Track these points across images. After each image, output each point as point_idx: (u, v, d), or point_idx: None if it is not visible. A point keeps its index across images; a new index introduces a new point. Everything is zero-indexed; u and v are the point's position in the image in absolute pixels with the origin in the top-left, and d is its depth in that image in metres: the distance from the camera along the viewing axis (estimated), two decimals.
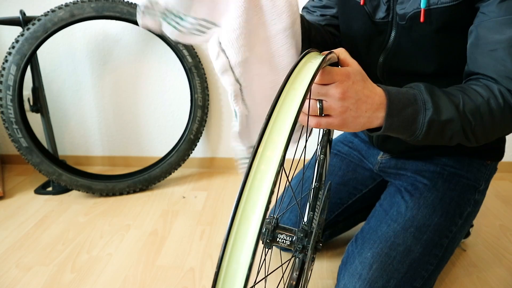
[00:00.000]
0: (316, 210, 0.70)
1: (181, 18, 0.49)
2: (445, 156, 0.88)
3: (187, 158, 1.53)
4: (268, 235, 0.58)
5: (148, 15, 0.50)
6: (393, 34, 0.75)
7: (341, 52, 0.57)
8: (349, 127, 0.55)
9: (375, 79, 0.82)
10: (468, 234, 1.14)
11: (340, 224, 1.06)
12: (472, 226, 1.17)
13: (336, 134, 1.18)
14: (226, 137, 1.67)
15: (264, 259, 0.58)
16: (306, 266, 0.63)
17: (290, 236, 0.59)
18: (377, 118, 0.55)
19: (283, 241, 0.59)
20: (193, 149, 1.53)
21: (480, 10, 0.63)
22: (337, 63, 0.58)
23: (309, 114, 0.53)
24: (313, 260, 0.77)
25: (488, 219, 1.29)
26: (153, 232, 1.22)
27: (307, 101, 0.52)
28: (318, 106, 0.53)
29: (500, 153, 0.88)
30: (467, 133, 0.59)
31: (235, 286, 0.30)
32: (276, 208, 0.93)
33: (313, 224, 0.64)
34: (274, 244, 0.59)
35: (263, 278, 0.53)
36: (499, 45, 0.59)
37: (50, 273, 1.03)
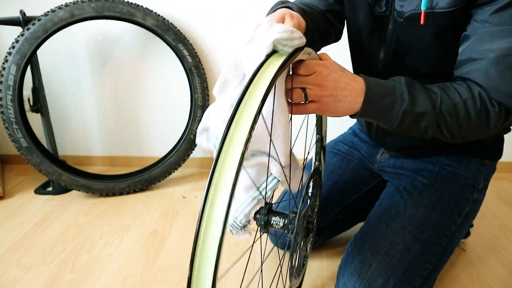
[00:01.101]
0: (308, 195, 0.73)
1: None
2: (443, 155, 0.88)
3: (187, 158, 1.53)
4: (262, 218, 0.63)
5: (204, 137, 0.55)
6: (390, 29, 0.76)
7: (323, 54, 0.63)
8: (331, 112, 0.61)
9: (377, 74, 0.83)
10: (468, 234, 1.14)
11: (339, 223, 1.06)
12: (472, 226, 1.17)
13: (336, 133, 1.18)
14: None
15: (261, 242, 0.60)
16: (296, 244, 0.66)
17: (282, 218, 0.63)
18: (356, 103, 0.60)
19: (277, 223, 0.63)
20: (193, 149, 1.53)
21: (473, 18, 0.64)
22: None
23: (295, 101, 0.59)
24: (309, 246, 0.78)
25: (488, 219, 1.29)
26: (153, 232, 1.22)
27: (293, 91, 0.58)
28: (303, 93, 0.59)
29: (498, 152, 0.89)
30: (442, 129, 0.63)
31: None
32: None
33: (301, 205, 0.66)
34: (268, 227, 0.64)
35: (259, 268, 0.55)
36: (487, 55, 0.61)
37: (50, 273, 1.03)
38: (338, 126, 1.56)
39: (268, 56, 0.50)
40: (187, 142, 1.51)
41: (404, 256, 0.78)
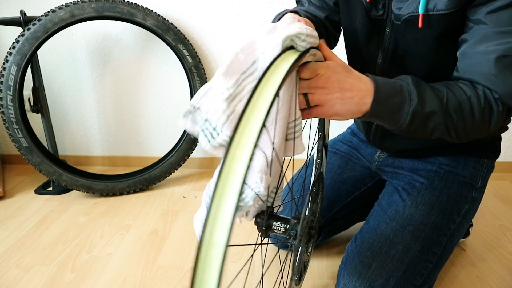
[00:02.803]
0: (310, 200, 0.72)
1: (217, 133, 0.50)
2: (441, 155, 0.88)
3: (187, 158, 1.53)
4: (264, 223, 0.61)
5: (190, 119, 0.52)
6: (387, 32, 0.75)
7: (328, 53, 0.61)
8: (338, 115, 0.59)
9: None
10: (468, 234, 1.14)
11: (338, 221, 1.07)
12: (471, 225, 1.17)
13: (336, 133, 1.18)
14: None
15: (261, 249, 0.59)
16: (299, 250, 0.65)
17: (284, 223, 0.61)
18: (364, 104, 0.58)
19: (278, 228, 0.61)
20: (193, 149, 1.53)
21: (469, 19, 0.64)
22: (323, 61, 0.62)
23: (300, 107, 0.57)
24: (310, 249, 0.78)
25: (488, 219, 1.29)
26: (153, 232, 1.22)
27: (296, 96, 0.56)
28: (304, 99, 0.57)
29: (496, 151, 0.89)
30: (449, 128, 0.62)
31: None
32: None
33: (304, 209, 0.66)
34: (269, 231, 0.62)
35: (264, 273, 0.54)
36: (485, 56, 0.60)
37: (50, 273, 1.03)
38: (338, 126, 1.56)
39: (283, 51, 0.50)
40: (187, 142, 1.51)
41: (404, 256, 0.78)
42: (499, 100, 0.61)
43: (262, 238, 0.63)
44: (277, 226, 0.61)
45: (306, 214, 0.66)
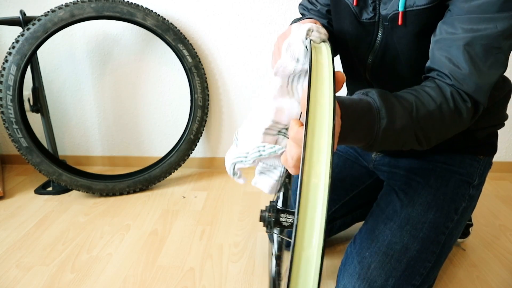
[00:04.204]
0: None
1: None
2: (436, 153, 0.88)
3: (187, 158, 1.53)
4: (271, 217, 0.59)
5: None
6: (379, 35, 0.75)
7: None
8: None
9: (365, 81, 0.84)
10: (468, 234, 1.14)
11: (338, 221, 1.07)
12: (471, 225, 1.17)
13: None
14: (226, 137, 1.67)
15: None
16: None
17: (292, 215, 0.59)
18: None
19: (286, 220, 0.59)
20: (193, 149, 1.53)
21: (448, 8, 0.63)
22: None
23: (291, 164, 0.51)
24: None
25: (488, 219, 1.29)
26: (153, 232, 1.22)
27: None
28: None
29: (492, 148, 0.89)
30: (420, 138, 0.60)
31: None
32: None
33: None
34: (277, 226, 0.60)
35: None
36: (456, 43, 0.60)
37: (50, 273, 1.03)
38: None
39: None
40: (187, 142, 1.51)
41: (402, 256, 0.78)
42: (465, 95, 0.61)
43: (269, 232, 0.62)
44: (284, 219, 0.59)
45: None
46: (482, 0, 0.58)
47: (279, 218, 0.60)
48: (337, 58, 0.92)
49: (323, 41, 0.56)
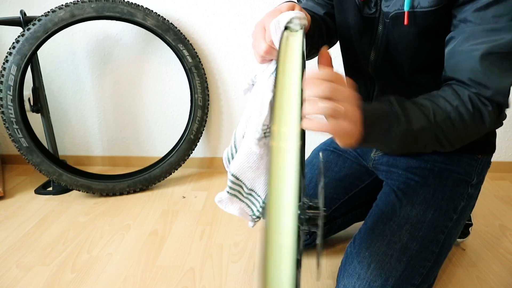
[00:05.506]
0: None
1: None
2: (435, 153, 0.88)
3: (187, 158, 1.53)
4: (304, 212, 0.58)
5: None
6: (380, 30, 0.76)
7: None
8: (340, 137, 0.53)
9: (368, 77, 0.84)
10: (467, 234, 1.14)
11: (337, 220, 1.07)
12: (471, 225, 1.17)
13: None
14: (226, 137, 1.67)
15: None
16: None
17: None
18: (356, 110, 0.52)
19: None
20: (193, 149, 1.53)
21: (456, 18, 0.64)
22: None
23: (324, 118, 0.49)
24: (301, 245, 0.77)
25: (488, 219, 1.29)
26: (153, 232, 1.22)
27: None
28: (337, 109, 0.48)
29: (491, 147, 0.89)
30: (441, 140, 0.62)
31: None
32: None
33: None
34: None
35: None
36: (472, 53, 0.61)
37: (50, 273, 1.03)
38: None
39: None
40: (187, 142, 1.51)
41: (402, 255, 0.78)
42: (485, 99, 0.61)
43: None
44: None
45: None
46: (494, 10, 0.59)
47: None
48: (339, 54, 0.92)
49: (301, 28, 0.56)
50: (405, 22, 0.67)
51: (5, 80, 1.26)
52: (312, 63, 0.70)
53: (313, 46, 0.84)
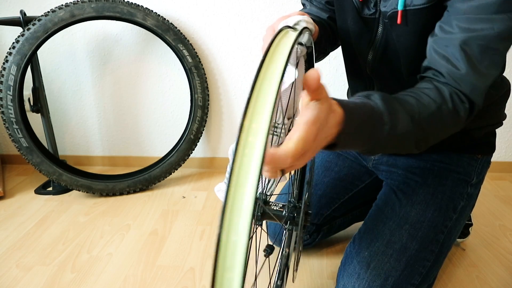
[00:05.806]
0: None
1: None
2: (434, 152, 0.88)
3: (187, 158, 1.53)
4: (258, 209, 0.60)
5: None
6: (380, 31, 0.76)
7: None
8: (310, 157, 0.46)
9: (365, 77, 0.85)
10: (467, 233, 1.14)
11: (337, 219, 1.07)
12: (471, 225, 1.17)
13: None
14: (226, 137, 1.67)
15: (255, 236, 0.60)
16: (297, 233, 0.66)
17: (280, 204, 0.60)
18: (331, 134, 0.47)
19: (275, 205, 0.61)
20: (193, 149, 1.53)
21: (447, 9, 0.64)
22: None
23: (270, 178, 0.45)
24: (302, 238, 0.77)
25: (488, 219, 1.29)
26: (153, 232, 1.22)
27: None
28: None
29: (490, 147, 0.89)
30: (419, 142, 0.60)
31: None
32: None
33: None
34: (264, 219, 0.61)
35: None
36: (453, 42, 0.60)
37: (50, 273, 1.03)
38: None
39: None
40: (187, 142, 1.51)
41: (401, 255, 0.78)
42: (463, 96, 0.61)
43: (256, 225, 0.62)
44: (274, 204, 0.59)
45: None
46: (480, 1, 0.59)
47: (268, 206, 0.61)
48: (340, 56, 0.92)
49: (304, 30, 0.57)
50: (398, 21, 0.67)
51: (5, 80, 1.26)
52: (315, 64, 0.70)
53: (321, 51, 0.85)
